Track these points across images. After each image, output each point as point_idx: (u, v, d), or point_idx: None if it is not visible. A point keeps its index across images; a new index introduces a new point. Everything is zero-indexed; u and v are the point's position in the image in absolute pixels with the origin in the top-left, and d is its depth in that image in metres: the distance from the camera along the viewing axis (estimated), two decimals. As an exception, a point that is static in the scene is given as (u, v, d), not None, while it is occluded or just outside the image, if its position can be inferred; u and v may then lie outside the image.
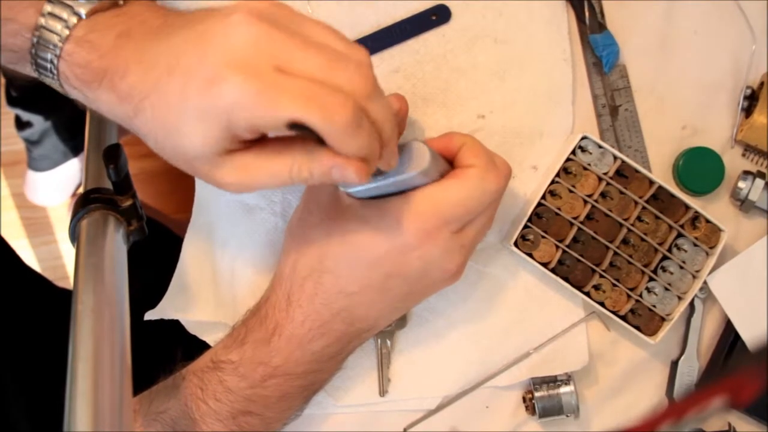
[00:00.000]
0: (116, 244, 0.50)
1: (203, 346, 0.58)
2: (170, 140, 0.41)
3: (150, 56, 0.41)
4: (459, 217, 0.48)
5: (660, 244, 0.58)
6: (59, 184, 1.40)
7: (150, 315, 0.57)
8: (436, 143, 0.50)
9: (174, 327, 0.58)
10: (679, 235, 0.59)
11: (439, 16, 0.58)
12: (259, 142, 0.42)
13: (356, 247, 0.48)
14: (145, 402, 0.53)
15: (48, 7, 0.43)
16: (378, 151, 0.41)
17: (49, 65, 0.43)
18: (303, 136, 0.40)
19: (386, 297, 0.50)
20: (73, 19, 0.43)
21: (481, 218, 0.50)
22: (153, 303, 0.58)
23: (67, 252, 1.46)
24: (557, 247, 0.57)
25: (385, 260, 0.48)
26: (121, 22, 0.43)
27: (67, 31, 0.42)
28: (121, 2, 0.45)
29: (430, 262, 0.48)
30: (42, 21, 0.42)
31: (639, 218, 0.58)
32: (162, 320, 0.58)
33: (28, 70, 0.45)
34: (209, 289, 0.59)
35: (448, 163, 0.50)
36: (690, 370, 0.60)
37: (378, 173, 0.46)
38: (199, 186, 0.59)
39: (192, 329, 0.59)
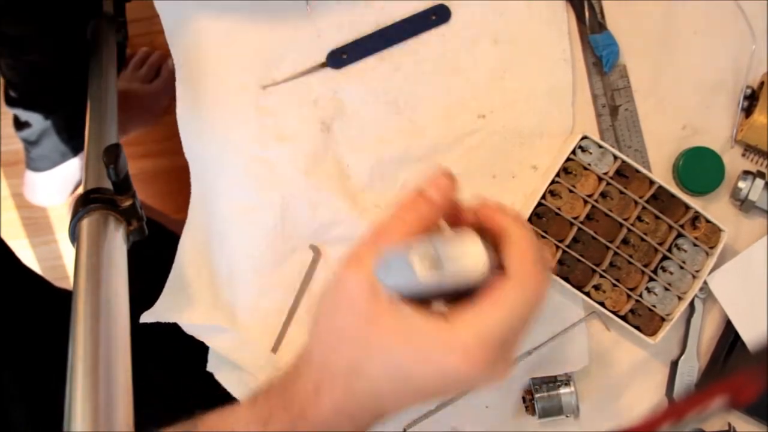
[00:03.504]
0: (116, 245, 0.50)
1: (202, 346, 0.58)
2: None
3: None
4: (505, 339, 0.45)
5: (660, 244, 0.58)
6: (58, 184, 1.40)
7: (146, 317, 0.57)
8: (475, 215, 0.46)
9: (174, 327, 0.58)
10: (679, 235, 0.59)
11: (438, 16, 0.58)
12: None
13: (398, 365, 0.45)
14: None
15: None
16: None
17: None
18: None
19: (421, 401, 0.47)
20: None
21: (524, 327, 0.46)
22: (153, 303, 0.58)
23: (67, 252, 1.46)
24: (557, 247, 0.57)
25: (427, 382, 0.45)
26: None
27: None
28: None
29: (475, 382, 0.46)
30: None
31: (639, 218, 0.58)
32: (161, 320, 0.58)
33: None
34: (206, 291, 0.59)
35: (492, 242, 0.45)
36: (690, 370, 0.60)
37: (429, 266, 0.42)
38: (196, 186, 0.58)
39: (189, 330, 0.58)
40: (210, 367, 0.59)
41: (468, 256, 0.41)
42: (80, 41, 0.89)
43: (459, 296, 0.43)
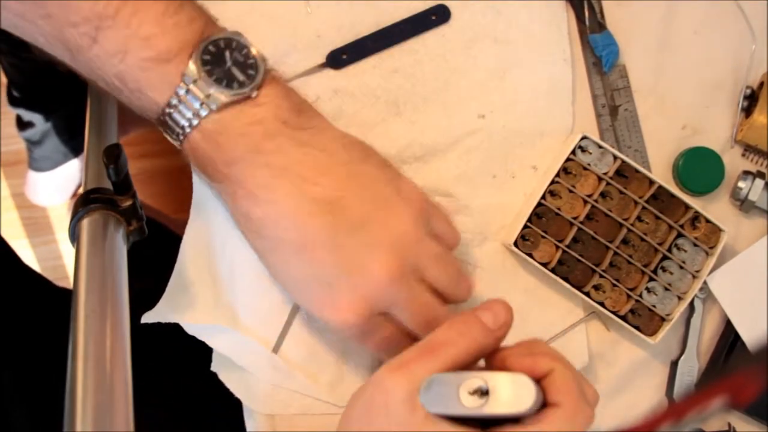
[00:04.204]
0: (116, 245, 0.50)
1: (203, 346, 0.58)
2: (354, 275, 0.47)
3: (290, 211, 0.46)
4: None
5: (660, 244, 0.58)
6: (60, 184, 1.41)
7: (147, 317, 0.57)
8: (519, 362, 0.45)
9: (174, 326, 0.58)
10: (679, 235, 0.59)
11: (438, 16, 0.58)
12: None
13: None
14: None
15: (182, 91, 0.44)
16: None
17: (173, 135, 0.46)
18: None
19: None
20: (203, 111, 0.44)
21: None
22: (153, 303, 0.58)
23: (67, 252, 1.46)
24: (557, 247, 0.57)
25: None
26: (252, 132, 0.45)
27: (196, 121, 0.44)
28: (254, 95, 0.45)
29: None
30: (174, 101, 0.44)
31: (639, 218, 0.58)
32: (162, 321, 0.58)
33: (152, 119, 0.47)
34: (207, 292, 0.59)
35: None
36: (690, 370, 0.60)
37: (476, 396, 0.41)
38: (197, 186, 0.58)
39: (191, 330, 0.58)
40: (214, 367, 0.59)
41: (517, 392, 0.41)
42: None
43: (501, 423, 0.42)
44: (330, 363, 0.57)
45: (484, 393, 0.41)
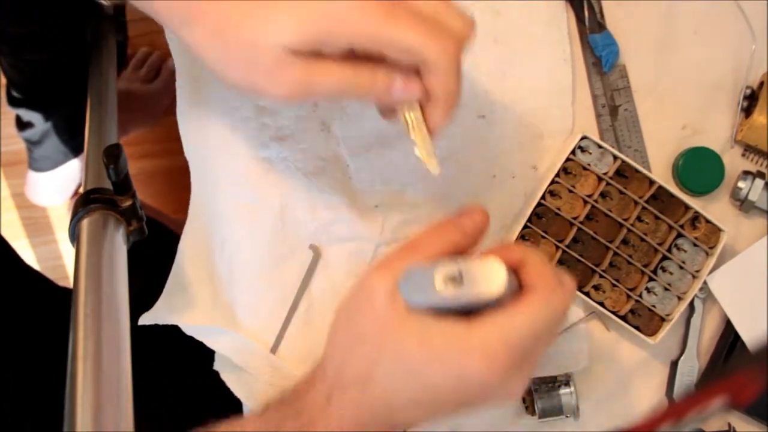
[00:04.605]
0: (116, 245, 0.50)
1: (202, 346, 0.58)
2: (246, 27, 0.41)
3: None
4: (526, 347, 0.44)
5: (660, 244, 0.58)
6: (60, 184, 1.40)
7: (144, 319, 0.57)
8: (495, 254, 0.46)
9: (174, 327, 0.58)
10: (679, 235, 0.59)
11: (439, 16, 0.58)
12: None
13: (411, 368, 0.44)
14: None
15: None
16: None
17: None
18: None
19: (434, 412, 0.46)
20: None
21: (545, 339, 0.46)
22: (153, 303, 0.58)
23: (67, 252, 1.46)
24: (557, 247, 0.57)
25: (440, 387, 0.44)
26: None
27: None
28: None
29: (491, 391, 0.45)
30: None
31: (639, 218, 0.58)
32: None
33: None
34: (205, 292, 0.59)
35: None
36: (690, 370, 0.60)
37: (450, 284, 0.43)
38: (196, 186, 0.59)
39: (189, 331, 0.58)
40: (216, 366, 0.59)
41: (489, 275, 0.42)
42: (80, 41, 0.89)
43: (479, 312, 0.44)
44: (330, 363, 0.57)
45: (457, 280, 0.42)
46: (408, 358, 0.44)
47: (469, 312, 0.44)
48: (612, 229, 0.58)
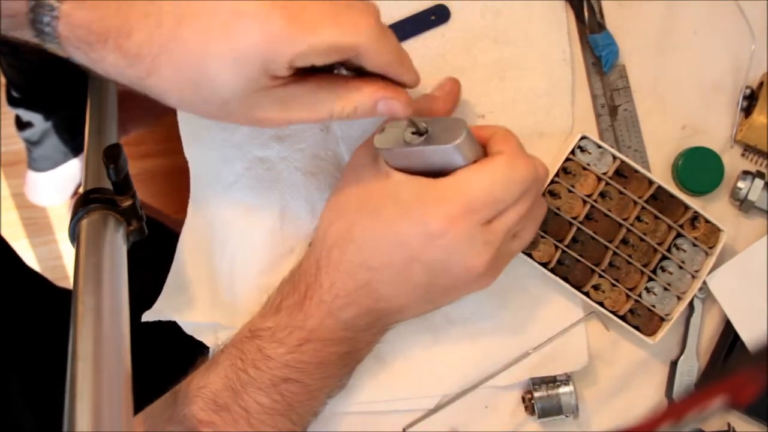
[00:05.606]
0: (116, 244, 0.50)
1: (202, 346, 0.58)
2: (200, 89, 0.41)
3: (155, 9, 0.40)
4: (485, 205, 0.46)
5: (659, 244, 0.58)
6: (59, 184, 1.41)
7: (147, 316, 0.57)
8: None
9: (174, 326, 0.58)
10: (679, 235, 0.59)
11: (438, 16, 0.58)
12: (296, 78, 0.43)
13: (384, 223, 0.48)
14: (184, 383, 0.53)
15: None
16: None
17: (47, 28, 0.41)
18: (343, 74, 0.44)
19: (408, 281, 0.49)
20: None
21: (511, 214, 0.48)
22: (153, 303, 0.58)
23: (67, 252, 1.46)
24: (556, 247, 0.57)
25: (408, 242, 0.47)
26: None
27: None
28: None
29: (452, 252, 0.47)
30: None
31: (638, 218, 0.58)
32: (162, 320, 0.58)
33: (29, 37, 0.43)
34: (205, 290, 0.59)
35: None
36: (689, 370, 0.60)
37: (415, 135, 0.47)
38: (195, 186, 0.59)
39: (189, 330, 0.59)
40: None
41: (452, 129, 0.47)
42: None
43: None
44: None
45: (423, 132, 0.47)
46: (382, 214, 0.48)
47: (442, 175, 0.48)
48: (611, 229, 0.58)
